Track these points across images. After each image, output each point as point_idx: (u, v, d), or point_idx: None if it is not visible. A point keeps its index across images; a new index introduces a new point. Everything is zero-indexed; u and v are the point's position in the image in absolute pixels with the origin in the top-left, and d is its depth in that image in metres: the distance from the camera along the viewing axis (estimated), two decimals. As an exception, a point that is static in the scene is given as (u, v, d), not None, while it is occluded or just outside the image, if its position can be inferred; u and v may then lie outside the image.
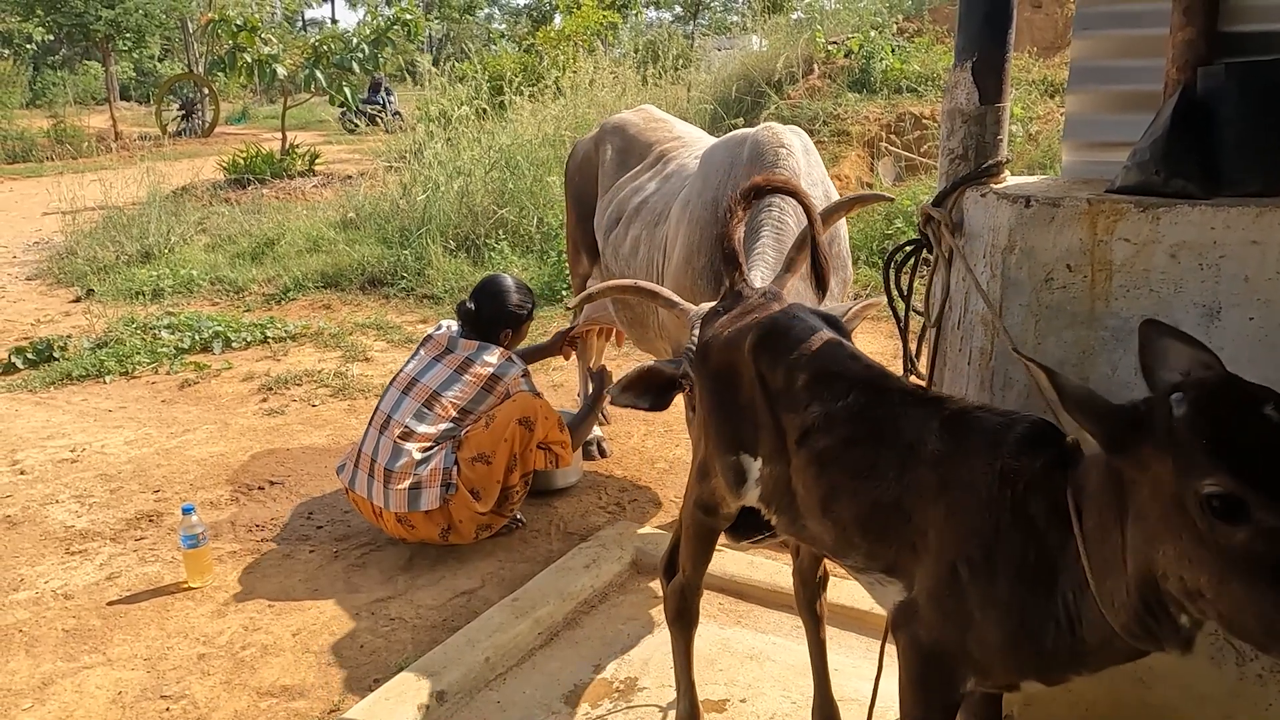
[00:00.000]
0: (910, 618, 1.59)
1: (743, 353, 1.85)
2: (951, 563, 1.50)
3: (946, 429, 1.55)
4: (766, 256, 2.78)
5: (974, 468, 1.49)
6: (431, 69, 11.09)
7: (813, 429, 1.70)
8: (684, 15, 30.68)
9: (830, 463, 1.67)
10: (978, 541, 1.47)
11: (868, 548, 1.65)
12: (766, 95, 9.37)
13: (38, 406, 5.19)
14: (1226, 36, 1.82)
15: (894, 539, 1.60)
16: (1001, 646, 1.47)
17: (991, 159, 1.96)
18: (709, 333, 2.00)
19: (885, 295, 2.16)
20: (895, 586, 1.64)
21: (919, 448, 1.57)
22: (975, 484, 1.48)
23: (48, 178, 12.74)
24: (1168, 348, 1.37)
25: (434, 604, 3.15)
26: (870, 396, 1.67)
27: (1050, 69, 9.23)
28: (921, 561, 1.56)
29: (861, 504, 1.63)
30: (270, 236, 8.72)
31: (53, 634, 3.05)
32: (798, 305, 1.94)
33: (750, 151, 3.05)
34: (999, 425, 1.52)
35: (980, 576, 1.46)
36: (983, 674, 1.55)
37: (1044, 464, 1.44)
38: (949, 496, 1.51)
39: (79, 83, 27.81)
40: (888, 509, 1.59)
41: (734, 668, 2.77)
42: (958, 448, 1.53)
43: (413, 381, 3.49)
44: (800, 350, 1.78)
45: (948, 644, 1.54)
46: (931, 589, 1.54)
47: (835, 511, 1.68)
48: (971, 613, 1.48)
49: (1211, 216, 1.69)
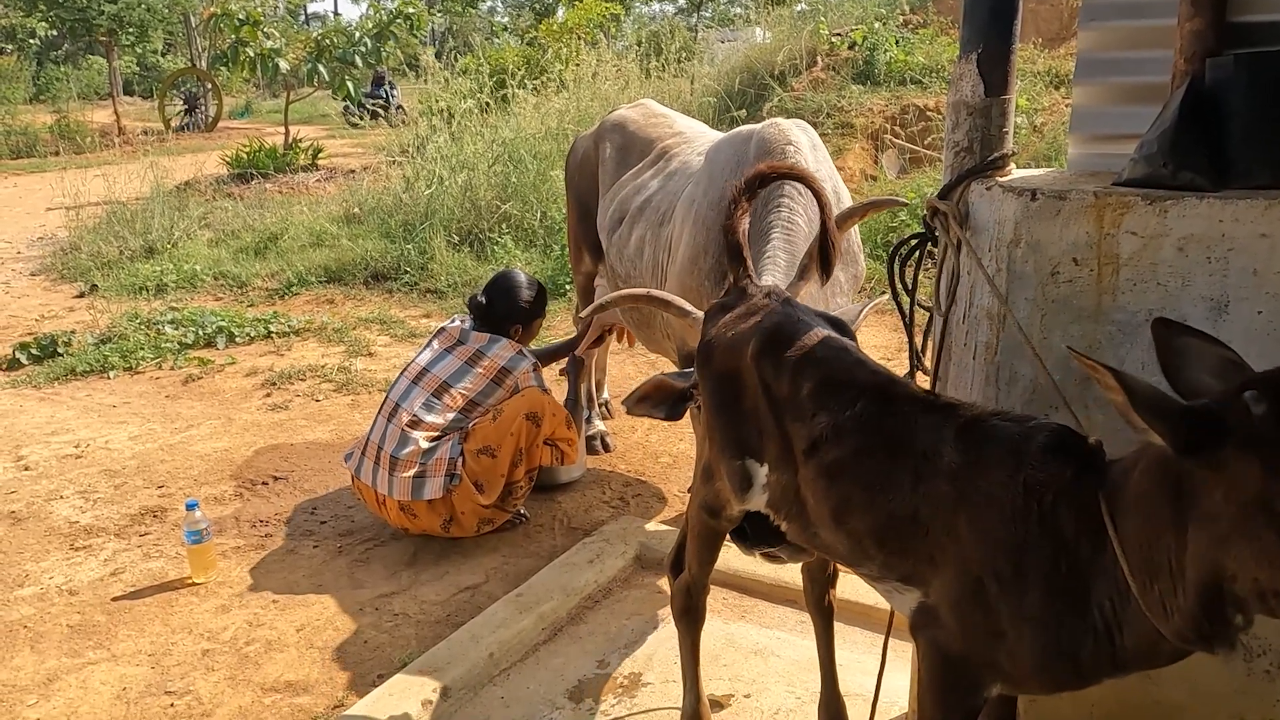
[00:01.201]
0: (931, 622, 1.56)
1: (746, 358, 1.81)
2: (977, 577, 1.47)
3: (962, 439, 1.52)
4: (778, 260, 2.72)
5: (995, 479, 1.46)
6: (435, 62, 11.07)
7: (821, 440, 1.66)
8: (687, 8, 30.56)
9: (841, 475, 1.63)
10: (1005, 555, 1.44)
11: (884, 559, 1.62)
12: (770, 88, 9.34)
13: (42, 402, 5.20)
14: (1235, 27, 1.80)
15: (911, 551, 1.57)
16: (1037, 660, 1.44)
17: (997, 152, 1.94)
18: (712, 331, 1.95)
19: (890, 289, 2.14)
20: (913, 594, 1.61)
21: (934, 458, 1.53)
22: (998, 496, 1.45)
23: (51, 173, 12.75)
24: (1187, 346, 1.35)
25: (438, 599, 3.15)
26: (879, 405, 1.63)
27: (1055, 60, 9.19)
28: (941, 573, 1.53)
29: (876, 516, 1.59)
30: (273, 231, 8.72)
31: (57, 630, 3.05)
32: (802, 308, 1.90)
33: (756, 148, 3.01)
34: (1018, 435, 1.48)
35: (1010, 591, 1.44)
36: (1013, 684, 1.53)
37: (1070, 474, 1.41)
38: (970, 510, 1.48)
39: (82, 78, 27.84)
40: (904, 521, 1.56)
41: (738, 663, 2.76)
42: (976, 459, 1.50)
43: (423, 371, 3.50)
44: (804, 357, 1.73)
45: (973, 653, 1.51)
46: (955, 601, 1.51)
47: (849, 523, 1.64)
48: (1001, 627, 1.45)
49: (1220, 209, 1.67)
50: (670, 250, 3.28)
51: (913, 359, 2.13)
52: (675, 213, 3.32)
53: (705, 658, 2.52)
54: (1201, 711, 1.87)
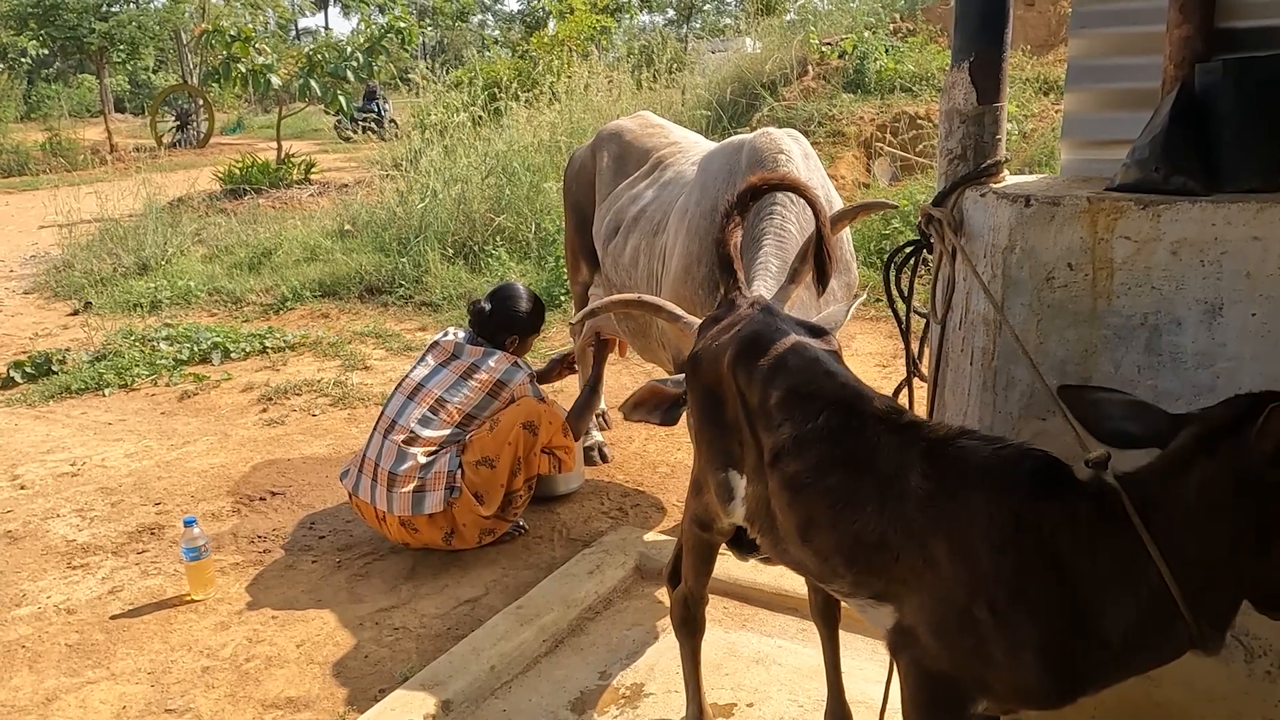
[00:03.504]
0: (910, 644, 1.55)
1: (724, 366, 1.80)
2: (965, 606, 1.45)
3: (930, 463, 1.49)
4: (769, 266, 2.73)
5: (977, 508, 1.44)
6: (428, 75, 11.10)
7: (784, 451, 1.64)
8: (677, 18, 30.72)
9: (803, 489, 1.61)
10: (997, 584, 1.42)
11: (853, 578, 1.60)
12: (761, 97, 9.39)
13: (37, 420, 5.18)
14: (1224, 32, 1.82)
15: (881, 573, 1.55)
16: (1035, 683, 1.44)
17: (990, 159, 1.96)
18: (700, 343, 1.95)
19: (886, 296, 2.15)
20: (887, 609, 1.59)
21: (900, 482, 1.50)
22: (983, 526, 1.43)
23: (43, 191, 12.72)
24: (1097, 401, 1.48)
25: (438, 613, 3.14)
26: (843, 419, 1.60)
27: (1044, 66, 9.25)
28: (916, 594, 1.51)
29: (842, 537, 1.57)
30: (267, 246, 8.72)
31: (56, 649, 3.04)
32: (782, 316, 1.89)
33: (748, 158, 3.03)
34: (994, 460, 1.47)
35: (1006, 620, 1.42)
36: (1004, 703, 1.52)
37: (1067, 501, 1.41)
38: (950, 539, 1.46)
39: (74, 95, 27.87)
40: (872, 546, 1.54)
41: (740, 672, 2.76)
42: (950, 487, 1.47)
43: (418, 387, 3.50)
44: (774, 366, 1.72)
45: (960, 674, 1.50)
46: (937, 626, 1.49)
47: (815, 541, 1.62)
48: (992, 652, 1.44)
49: (1212, 213, 1.68)
50: (664, 260, 3.30)
51: (909, 365, 2.14)
52: (669, 222, 3.33)
53: (707, 667, 2.52)
54: (1202, 712, 1.88)
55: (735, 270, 2.06)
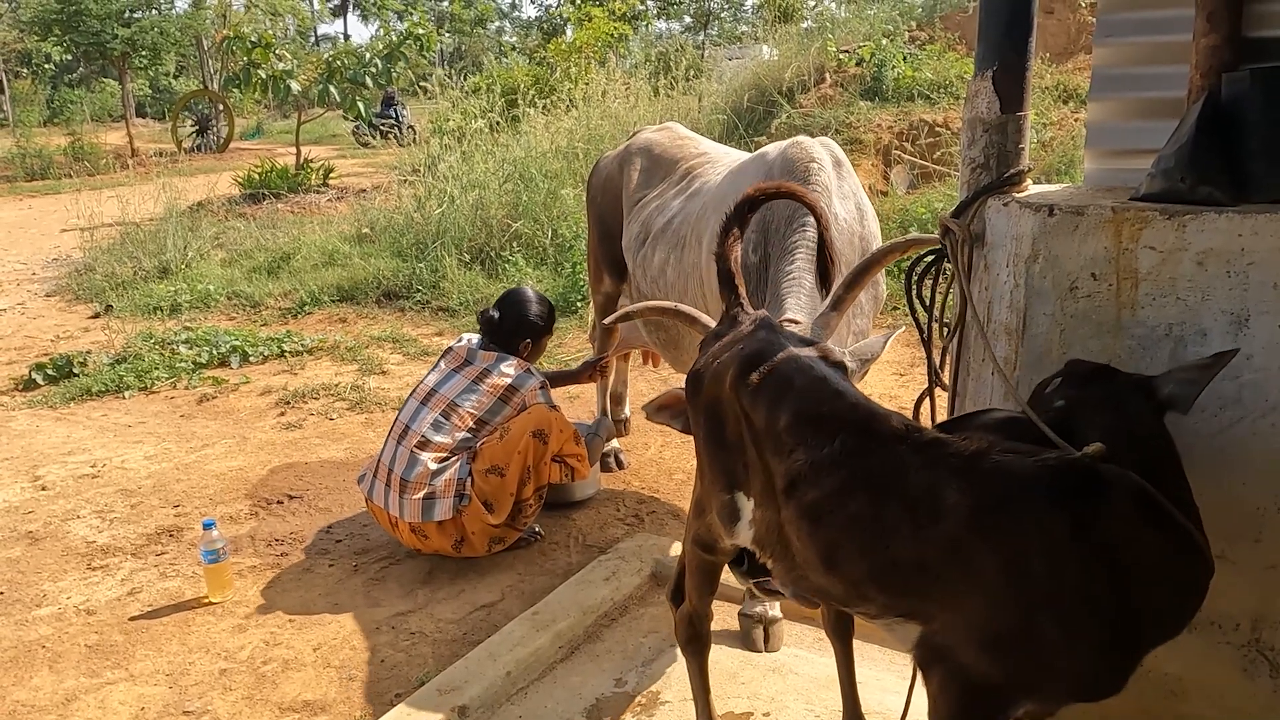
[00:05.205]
0: (945, 656, 1.52)
1: (726, 387, 1.75)
2: (1023, 617, 1.43)
3: (965, 479, 1.46)
4: (803, 283, 2.62)
5: (1031, 520, 1.42)
6: (447, 81, 11.15)
7: (800, 479, 1.58)
8: (694, 25, 30.76)
9: (824, 517, 1.56)
10: (1062, 594, 1.41)
11: (885, 600, 1.56)
12: (778, 105, 9.37)
13: (58, 422, 5.23)
14: (1251, 42, 1.80)
15: (917, 593, 1.52)
16: (1108, 680, 1.46)
17: (1013, 168, 1.95)
18: (702, 361, 1.88)
19: (908, 305, 2.15)
20: (913, 626, 1.56)
21: (934, 501, 1.46)
22: (1041, 538, 1.41)
23: (66, 195, 12.87)
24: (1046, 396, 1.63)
25: (454, 618, 3.15)
26: (860, 441, 1.55)
27: (1063, 74, 9.20)
28: (954, 610, 1.49)
29: (874, 563, 1.53)
30: (286, 251, 8.77)
31: (75, 650, 3.06)
32: (785, 333, 1.83)
33: (781, 169, 2.97)
34: (1043, 473, 1.44)
35: (1074, 627, 1.42)
36: (1060, 702, 1.52)
37: (1113, 502, 1.42)
38: (1001, 554, 1.43)
39: (96, 100, 28.13)
40: (909, 568, 1.50)
41: (756, 681, 2.75)
42: (994, 501, 1.44)
43: (431, 392, 3.51)
44: (780, 387, 1.66)
45: (1011, 683, 1.48)
46: (991, 640, 1.47)
47: (842, 569, 1.57)
48: (1055, 659, 1.44)
49: (1239, 223, 1.67)
50: (702, 277, 3.23)
51: (931, 375, 2.13)
52: (700, 237, 3.28)
53: (722, 676, 2.51)
54: (1228, 728, 1.85)
55: (736, 286, 2.01)
